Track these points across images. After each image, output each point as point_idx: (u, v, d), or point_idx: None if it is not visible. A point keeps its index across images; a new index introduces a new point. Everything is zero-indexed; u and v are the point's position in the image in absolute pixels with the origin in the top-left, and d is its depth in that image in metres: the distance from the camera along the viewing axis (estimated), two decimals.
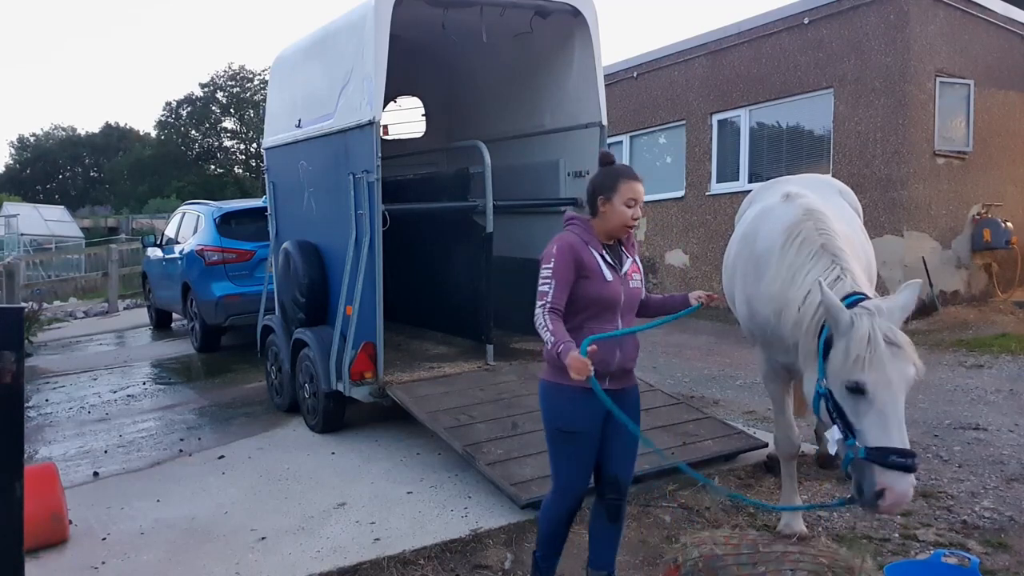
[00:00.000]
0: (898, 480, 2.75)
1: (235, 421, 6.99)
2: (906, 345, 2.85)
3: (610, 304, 3.11)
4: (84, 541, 4.39)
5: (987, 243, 10.53)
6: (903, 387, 2.83)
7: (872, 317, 2.86)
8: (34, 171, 64.30)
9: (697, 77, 12.58)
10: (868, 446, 2.81)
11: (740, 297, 4.10)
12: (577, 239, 3.12)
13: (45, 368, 10.38)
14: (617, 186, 3.10)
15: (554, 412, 3.15)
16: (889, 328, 2.85)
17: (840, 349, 2.89)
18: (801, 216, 3.56)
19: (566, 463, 3.18)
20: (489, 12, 5.97)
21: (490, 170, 5.97)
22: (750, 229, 4.08)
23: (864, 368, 2.79)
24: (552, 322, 2.98)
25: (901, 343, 2.84)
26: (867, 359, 2.79)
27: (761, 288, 3.73)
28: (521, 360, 6.24)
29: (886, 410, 2.79)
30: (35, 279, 22.52)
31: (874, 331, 2.82)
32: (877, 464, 2.77)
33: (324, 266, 6.40)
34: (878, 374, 2.79)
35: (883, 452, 2.76)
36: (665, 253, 13.21)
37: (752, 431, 5.54)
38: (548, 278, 3.05)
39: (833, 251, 3.32)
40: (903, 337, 2.86)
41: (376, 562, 3.93)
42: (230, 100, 58.56)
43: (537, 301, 3.04)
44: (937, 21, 10.08)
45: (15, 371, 2.24)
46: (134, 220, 37.80)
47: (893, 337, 2.83)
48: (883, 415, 2.80)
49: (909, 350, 2.85)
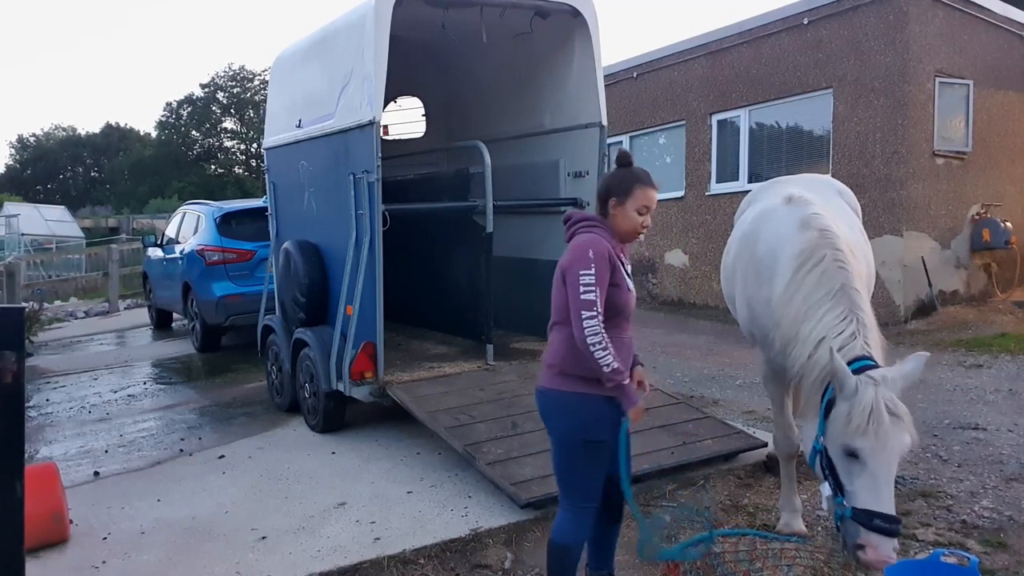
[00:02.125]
0: (882, 543, 2.84)
1: (235, 421, 7.00)
2: (905, 416, 2.90)
3: (628, 313, 3.05)
4: (84, 541, 4.39)
5: (986, 243, 10.53)
6: (897, 456, 2.90)
7: (877, 388, 2.90)
8: (35, 171, 64.29)
9: (697, 77, 12.58)
10: (856, 507, 2.89)
11: (740, 299, 4.10)
12: (609, 243, 2.98)
13: (45, 368, 10.38)
14: (632, 191, 2.99)
15: (581, 424, 2.99)
16: (891, 399, 2.90)
17: (842, 413, 2.93)
18: (817, 240, 3.46)
19: (588, 475, 3.04)
20: (489, 12, 5.98)
21: (490, 170, 5.98)
22: (750, 230, 4.07)
23: (863, 436, 2.85)
24: (609, 341, 2.86)
25: (901, 415, 2.89)
26: (867, 429, 2.85)
27: (762, 293, 3.73)
28: (521, 360, 6.24)
29: (879, 476, 2.87)
30: (36, 279, 22.51)
31: (877, 402, 2.86)
32: (862, 526, 2.86)
33: (324, 266, 6.41)
34: (876, 443, 2.85)
35: (869, 515, 2.85)
36: (665, 253, 13.21)
37: (752, 431, 5.54)
38: (592, 285, 2.86)
39: (851, 295, 3.26)
40: (903, 408, 2.92)
41: (376, 562, 3.94)
42: (230, 100, 58.59)
43: (583, 311, 2.85)
44: (937, 21, 10.08)
45: (16, 371, 2.24)
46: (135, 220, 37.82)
47: (894, 408, 2.89)
48: (875, 480, 2.88)
49: (907, 421, 2.90)
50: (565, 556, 3.06)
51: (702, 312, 11.98)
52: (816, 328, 3.22)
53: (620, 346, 3.00)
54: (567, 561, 3.07)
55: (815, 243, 3.46)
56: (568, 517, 3.08)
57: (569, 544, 3.06)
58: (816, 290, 3.32)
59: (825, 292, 3.29)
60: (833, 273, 3.33)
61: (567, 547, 3.06)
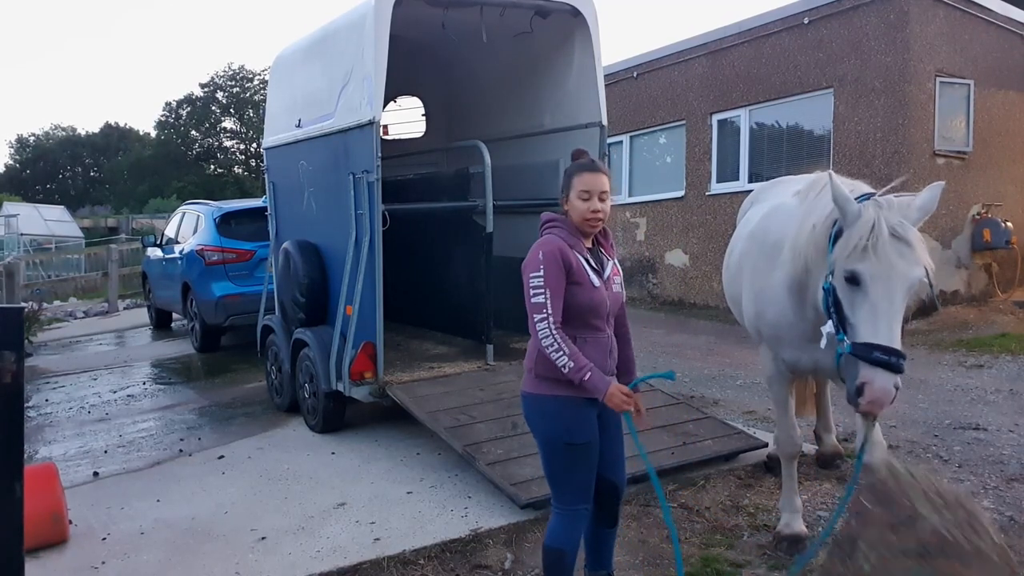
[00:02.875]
0: (879, 376, 2.64)
1: (235, 421, 6.99)
2: (915, 243, 2.71)
3: (599, 311, 2.97)
4: (84, 541, 4.39)
5: (987, 243, 10.52)
6: (902, 284, 2.70)
7: (880, 209, 2.74)
8: (34, 171, 64.34)
9: (697, 77, 12.58)
10: (856, 341, 2.71)
11: (748, 295, 4.05)
12: (562, 242, 2.93)
13: (45, 368, 10.38)
14: (571, 181, 2.97)
15: (561, 426, 2.95)
16: (900, 223, 2.72)
17: (844, 238, 2.79)
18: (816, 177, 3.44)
19: (575, 477, 3.00)
20: (489, 12, 5.97)
21: (490, 170, 5.97)
22: (760, 227, 4.02)
23: (863, 257, 2.69)
24: (564, 342, 2.82)
25: (910, 240, 2.70)
26: (867, 248, 2.68)
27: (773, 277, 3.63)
28: (521, 360, 6.19)
29: (879, 304, 2.68)
30: (35, 279, 22.52)
31: (879, 222, 2.70)
32: (861, 359, 2.67)
33: (324, 266, 6.40)
34: (876, 265, 2.67)
35: (868, 348, 2.67)
36: (665, 253, 13.21)
37: (752, 431, 5.54)
38: (540, 288, 2.84)
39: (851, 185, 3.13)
40: (914, 234, 2.72)
41: (376, 562, 3.93)
42: (230, 100, 58.62)
43: (534, 314, 2.84)
44: (937, 21, 10.08)
45: (15, 371, 2.24)
46: (134, 220, 37.87)
47: (901, 232, 2.70)
48: (875, 309, 2.69)
49: (918, 248, 2.71)
50: (560, 560, 3.02)
51: (702, 312, 11.98)
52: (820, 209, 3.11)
53: (595, 345, 2.95)
54: (562, 565, 3.03)
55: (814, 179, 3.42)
56: (560, 520, 3.04)
57: (563, 548, 3.02)
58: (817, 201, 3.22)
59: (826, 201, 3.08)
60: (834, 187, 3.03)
61: (561, 551, 3.02)
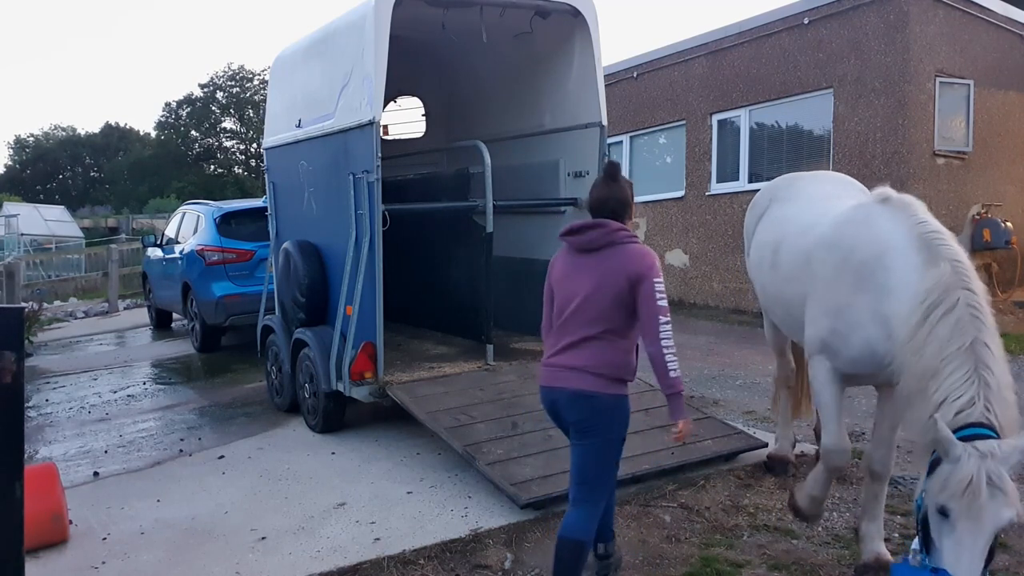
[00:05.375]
0: None
1: (235, 421, 6.99)
2: (1009, 492, 2.75)
3: None
4: (84, 541, 4.39)
5: (987, 243, 10.51)
6: (992, 526, 2.77)
7: (983, 460, 2.77)
8: (34, 171, 64.27)
9: (697, 77, 12.58)
10: (938, 566, 2.80)
11: (819, 306, 3.83)
12: None
13: (45, 368, 10.38)
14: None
15: (624, 423, 3.23)
16: (997, 472, 2.76)
17: (942, 475, 2.82)
18: (949, 279, 3.17)
19: (616, 471, 3.32)
20: (489, 12, 5.97)
21: (490, 170, 5.97)
22: (835, 236, 3.85)
23: (956, 499, 2.75)
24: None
25: (1005, 490, 2.75)
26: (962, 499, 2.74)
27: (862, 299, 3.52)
28: (521, 360, 6.24)
29: (964, 540, 2.76)
30: (35, 279, 22.52)
31: (979, 474, 2.74)
32: None
33: (324, 266, 6.40)
34: (969, 512, 2.74)
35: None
36: (665, 253, 13.20)
37: (752, 431, 5.54)
38: (664, 293, 3.10)
39: (979, 352, 3.03)
40: (1009, 485, 2.77)
41: (376, 562, 3.94)
42: (230, 100, 58.59)
43: (661, 316, 3.06)
44: (937, 21, 10.08)
45: (15, 371, 2.24)
46: (134, 220, 37.83)
47: (999, 482, 2.75)
48: (960, 544, 2.76)
49: (1012, 496, 2.75)
50: (581, 551, 3.16)
51: (702, 312, 11.97)
52: (940, 388, 3.04)
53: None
54: (583, 556, 3.17)
55: (947, 282, 3.16)
56: (590, 514, 3.18)
57: (585, 540, 3.16)
58: (948, 344, 3.08)
59: (957, 347, 3.04)
60: (967, 323, 3.07)
61: (582, 543, 3.16)
